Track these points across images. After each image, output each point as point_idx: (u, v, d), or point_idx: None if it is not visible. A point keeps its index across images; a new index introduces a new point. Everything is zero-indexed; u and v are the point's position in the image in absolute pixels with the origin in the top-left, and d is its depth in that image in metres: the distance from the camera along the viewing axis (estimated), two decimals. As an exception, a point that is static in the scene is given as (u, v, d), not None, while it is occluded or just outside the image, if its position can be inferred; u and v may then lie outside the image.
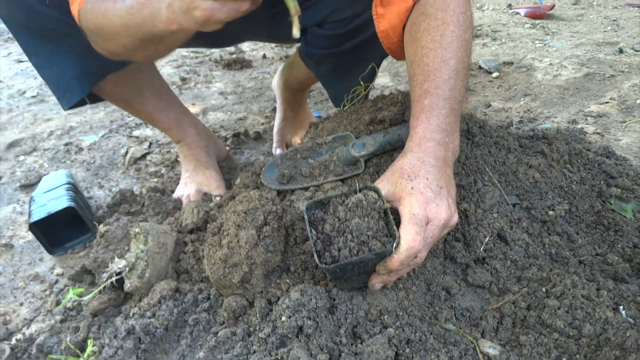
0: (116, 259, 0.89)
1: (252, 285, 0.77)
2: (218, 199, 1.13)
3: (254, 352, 0.69)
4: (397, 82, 2.01)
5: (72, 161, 1.59)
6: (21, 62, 2.66)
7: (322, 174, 0.93)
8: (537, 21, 2.60)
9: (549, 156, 1.00)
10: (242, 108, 1.88)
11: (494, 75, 2.00)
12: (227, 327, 0.74)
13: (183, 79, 2.20)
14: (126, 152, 1.58)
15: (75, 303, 0.93)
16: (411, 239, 0.65)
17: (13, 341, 0.90)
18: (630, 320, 0.68)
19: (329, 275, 0.74)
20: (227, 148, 1.51)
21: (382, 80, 2.02)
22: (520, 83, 1.92)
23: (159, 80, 1.27)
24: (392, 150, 0.92)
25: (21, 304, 1.02)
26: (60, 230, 1.14)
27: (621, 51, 2.09)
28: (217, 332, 0.74)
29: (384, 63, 1.27)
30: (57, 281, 1.06)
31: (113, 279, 0.84)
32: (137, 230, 0.88)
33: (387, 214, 0.71)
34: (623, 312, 0.69)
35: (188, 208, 0.99)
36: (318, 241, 0.71)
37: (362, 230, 0.69)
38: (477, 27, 2.57)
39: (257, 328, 0.72)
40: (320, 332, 0.66)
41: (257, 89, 2.05)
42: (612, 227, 0.87)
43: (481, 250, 0.80)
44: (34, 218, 1.07)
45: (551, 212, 0.87)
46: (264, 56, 2.44)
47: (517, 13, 2.76)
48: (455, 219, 0.72)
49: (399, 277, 0.73)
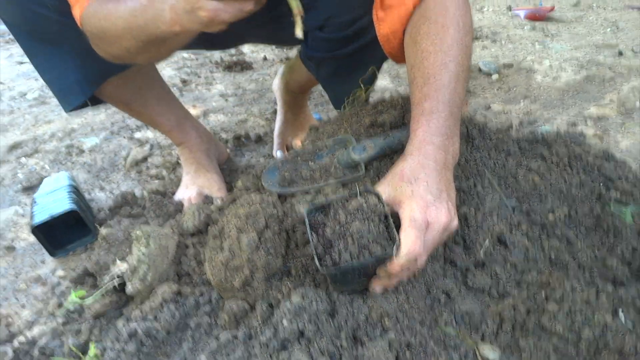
0: (118, 262, 0.90)
1: (253, 289, 0.78)
2: (219, 201, 1.13)
3: (255, 355, 0.69)
4: (397, 84, 2.02)
5: (73, 163, 1.59)
6: (22, 63, 2.66)
7: (323, 176, 0.93)
8: (537, 23, 2.61)
9: (549, 159, 1.00)
10: (242, 110, 1.88)
11: (494, 77, 2.00)
12: (228, 331, 0.75)
13: (184, 81, 2.21)
14: (127, 154, 1.59)
15: (77, 306, 0.93)
16: (411, 243, 0.66)
17: (15, 343, 0.90)
18: (629, 324, 0.69)
19: (329, 279, 0.75)
20: (228, 150, 1.52)
21: (382, 82, 2.02)
22: (520, 85, 1.92)
23: (160, 83, 1.27)
24: (392, 153, 0.92)
25: (23, 306, 1.02)
26: (62, 231, 1.14)
27: (621, 53, 2.09)
28: (219, 336, 0.74)
29: (384, 65, 1.28)
30: (58, 283, 1.06)
31: (115, 283, 0.84)
32: (138, 233, 0.88)
33: (388, 217, 0.72)
34: (622, 316, 0.70)
35: (189, 211, 0.99)
36: (319, 244, 0.71)
37: (362, 234, 0.69)
38: (477, 29, 2.57)
39: (258, 331, 0.72)
40: (321, 335, 0.67)
41: (257, 91, 2.06)
42: (611, 230, 0.88)
43: (481, 253, 0.80)
44: (37, 221, 1.08)
45: (551, 216, 0.87)
46: (265, 58, 2.45)
47: (517, 15, 2.76)
48: (455, 223, 0.72)
49: (399, 281, 0.73)
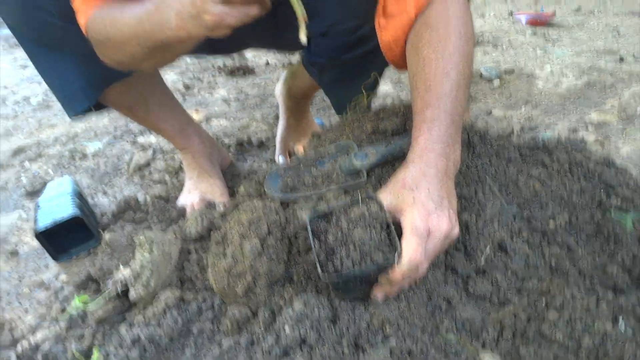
0: (121, 267, 0.90)
1: (255, 295, 0.78)
2: (221, 206, 1.14)
3: (258, 361, 0.70)
4: (399, 89, 2.02)
5: (76, 167, 1.60)
6: (26, 67, 2.68)
7: (325, 183, 0.94)
8: (538, 28, 2.62)
9: (550, 166, 1.00)
10: (245, 115, 1.89)
11: (495, 82, 2.01)
12: (230, 337, 0.75)
13: (186, 86, 2.22)
14: (130, 159, 1.59)
15: (80, 311, 0.94)
16: (413, 251, 0.66)
17: (18, 348, 0.91)
18: (629, 332, 0.69)
19: (331, 286, 0.75)
20: (230, 155, 1.53)
21: (384, 87, 2.03)
22: (522, 90, 1.93)
23: (163, 89, 1.28)
24: (394, 160, 0.93)
25: (26, 311, 1.03)
26: (65, 236, 1.15)
27: (622, 59, 2.10)
28: (221, 342, 0.75)
29: (386, 71, 1.29)
30: (62, 288, 1.07)
31: (118, 289, 0.85)
32: (142, 239, 0.89)
33: (389, 225, 0.72)
34: (622, 324, 0.70)
35: (192, 217, 1.00)
36: (321, 252, 0.72)
37: (364, 241, 0.70)
38: (479, 35, 2.58)
39: (260, 338, 0.73)
40: (323, 342, 0.67)
41: (260, 96, 2.07)
42: (611, 237, 0.88)
43: (482, 260, 0.81)
44: (41, 226, 1.08)
45: (551, 223, 0.88)
46: (267, 63, 2.46)
47: (519, 20, 2.77)
48: (456, 231, 0.73)
49: (401, 289, 0.74)
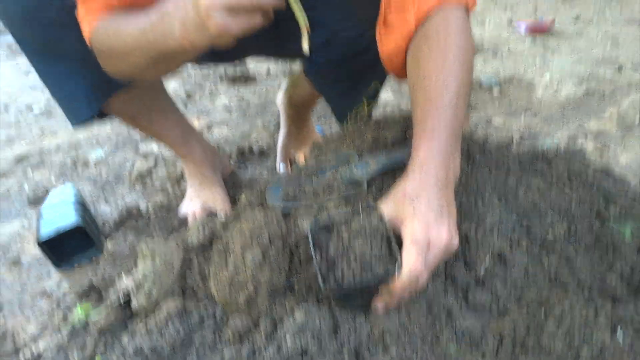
0: (123, 277, 0.91)
1: (257, 305, 0.79)
2: (223, 215, 1.15)
3: (259, 371, 0.70)
4: (399, 98, 2.04)
5: (78, 175, 1.61)
6: (29, 74, 2.70)
7: (326, 192, 0.95)
8: (538, 37, 2.64)
9: (549, 176, 1.01)
10: (246, 123, 1.90)
11: (495, 91, 2.02)
12: (232, 347, 0.76)
13: (188, 94, 2.23)
14: (132, 167, 1.60)
15: (83, 320, 0.94)
16: (413, 262, 0.67)
17: (21, 357, 0.92)
18: (628, 342, 0.69)
19: (332, 297, 0.76)
20: (232, 163, 1.54)
21: (385, 95, 2.04)
22: (521, 99, 1.94)
23: (165, 98, 1.29)
24: (395, 170, 0.94)
25: (28, 320, 1.03)
26: (67, 244, 1.16)
27: (620, 68, 2.11)
28: (223, 351, 0.75)
29: (387, 79, 1.30)
30: (64, 297, 1.08)
31: (121, 299, 0.85)
32: (144, 248, 0.90)
33: (390, 236, 0.73)
34: (620, 334, 0.70)
35: (194, 226, 1.00)
36: (322, 263, 0.72)
37: (365, 252, 0.70)
38: (478, 43, 2.60)
39: (261, 348, 0.73)
40: (324, 353, 0.68)
41: (261, 104, 2.08)
42: (610, 247, 0.89)
43: (481, 270, 0.81)
44: (43, 235, 1.09)
45: (550, 233, 0.88)
46: (268, 71, 2.48)
47: (518, 29, 2.79)
48: (456, 241, 0.73)
49: (401, 300, 0.74)
